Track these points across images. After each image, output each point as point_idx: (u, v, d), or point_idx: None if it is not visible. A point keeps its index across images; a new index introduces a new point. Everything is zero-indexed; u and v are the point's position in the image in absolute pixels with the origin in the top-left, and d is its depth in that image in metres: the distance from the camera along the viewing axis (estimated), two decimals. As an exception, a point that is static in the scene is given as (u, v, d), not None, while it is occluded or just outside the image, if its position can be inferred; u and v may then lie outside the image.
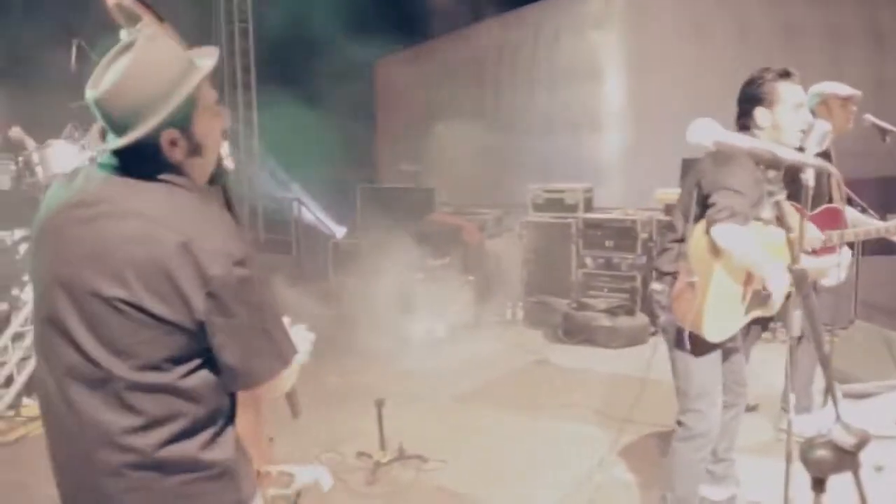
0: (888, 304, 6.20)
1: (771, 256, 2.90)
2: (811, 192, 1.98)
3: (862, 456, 1.61)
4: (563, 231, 7.61)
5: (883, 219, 3.98)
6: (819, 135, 3.32)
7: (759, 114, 3.04)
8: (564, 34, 9.93)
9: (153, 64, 1.61)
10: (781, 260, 2.92)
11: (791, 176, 2.15)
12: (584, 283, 7.49)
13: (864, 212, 3.96)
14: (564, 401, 5.29)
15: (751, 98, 3.06)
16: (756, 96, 3.04)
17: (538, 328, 7.28)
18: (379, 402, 4.20)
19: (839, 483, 1.62)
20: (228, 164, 1.96)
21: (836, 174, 2.16)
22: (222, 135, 1.80)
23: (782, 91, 3.01)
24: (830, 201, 3.82)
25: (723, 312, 3.00)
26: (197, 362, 1.63)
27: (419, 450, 4.28)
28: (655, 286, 3.24)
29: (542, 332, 7.16)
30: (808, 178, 1.99)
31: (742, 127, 3.09)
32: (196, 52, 1.72)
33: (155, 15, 2.29)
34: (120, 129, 1.62)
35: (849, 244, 3.56)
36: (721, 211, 2.82)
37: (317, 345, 1.95)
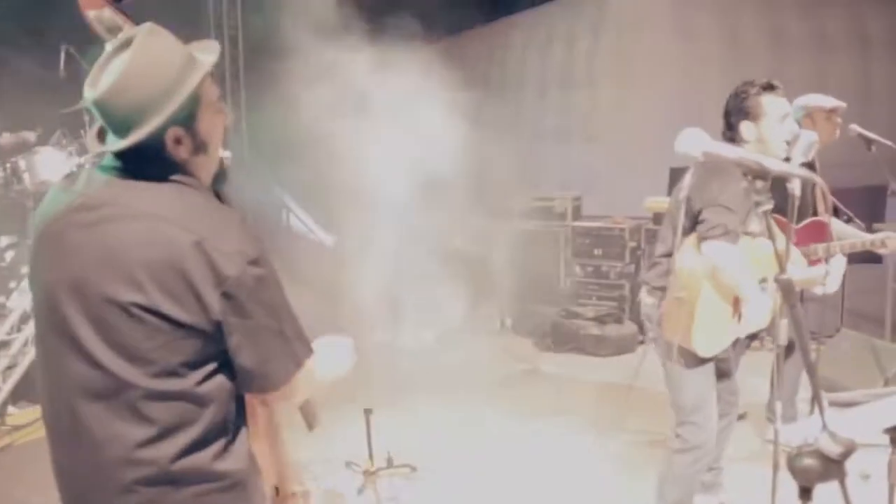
0: (874, 312, 6.25)
1: (755, 273, 2.93)
2: (798, 202, 1.99)
3: (848, 464, 1.61)
4: (552, 239, 7.62)
5: (869, 228, 4.01)
6: (805, 145, 3.33)
7: (745, 127, 3.05)
8: (554, 42, 9.97)
9: (154, 60, 1.54)
10: (770, 272, 2.94)
11: (777, 187, 2.15)
12: (572, 292, 7.49)
13: (849, 221, 3.99)
14: (553, 409, 5.29)
15: (735, 112, 3.08)
16: (741, 110, 3.06)
17: (527, 336, 7.27)
18: (367, 411, 4.19)
19: (826, 492, 1.63)
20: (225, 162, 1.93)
21: (821, 184, 2.17)
22: (225, 132, 1.74)
23: (766, 104, 3.03)
24: (815, 212, 3.85)
25: (713, 327, 3.00)
26: (213, 366, 1.57)
27: (408, 459, 4.27)
28: (646, 300, 3.24)
29: (530, 341, 7.15)
30: (795, 187, 2.00)
31: (728, 140, 3.10)
32: (196, 46, 1.66)
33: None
34: (122, 130, 1.56)
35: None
36: (714, 228, 2.84)
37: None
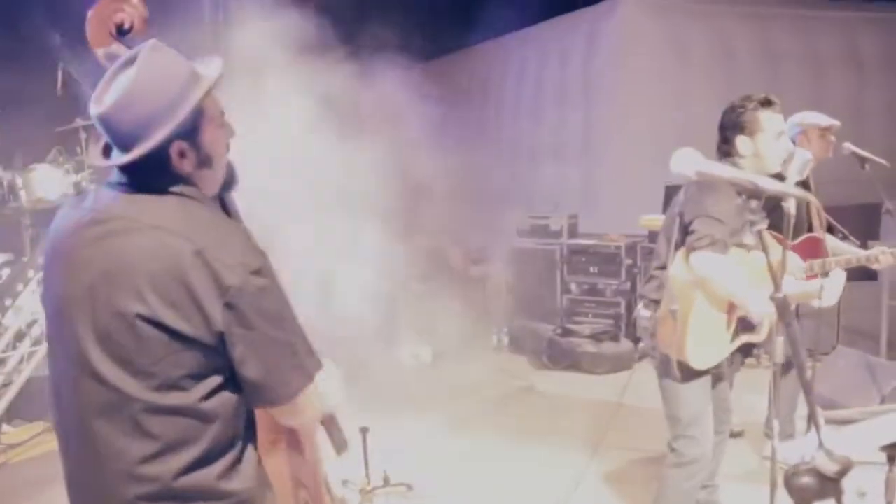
0: (870, 329, 6.25)
1: (752, 283, 2.92)
2: (793, 220, 2.00)
3: (845, 482, 1.61)
4: (548, 257, 7.63)
5: (864, 245, 4.02)
6: (800, 164, 3.35)
7: (741, 142, 3.06)
8: (550, 61, 10.02)
9: (158, 76, 1.57)
10: (765, 285, 2.94)
11: (772, 204, 2.16)
12: (568, 309, 7.50)
13: (844, 239, 4.00)
14: (549, 427, 5.29)
15: (732, 126, 3.07)
16: (737, 125, 3.06)
17: (523, 354, 7.27)
18: (363, 430, 4.18)
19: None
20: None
21: (815, 203, 2.19)
22: (228, 146, 1.76)
23: (763, 120, 3.03)
24: (810, 229, 3.86)
25: (707, 339, 3.00)
26: (218, 381, 1.57)
27: (404, 478, 4.25)
28: (643, 313, 3.24)
29: (526, 358, 7.15)
30: (790, 206, 2.01)
31: (723, 154, 3.11)
32: (199, 62, 1.69)
33: None
34: (127, 144, 1.58)
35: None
36: (701, 239, 2.83)
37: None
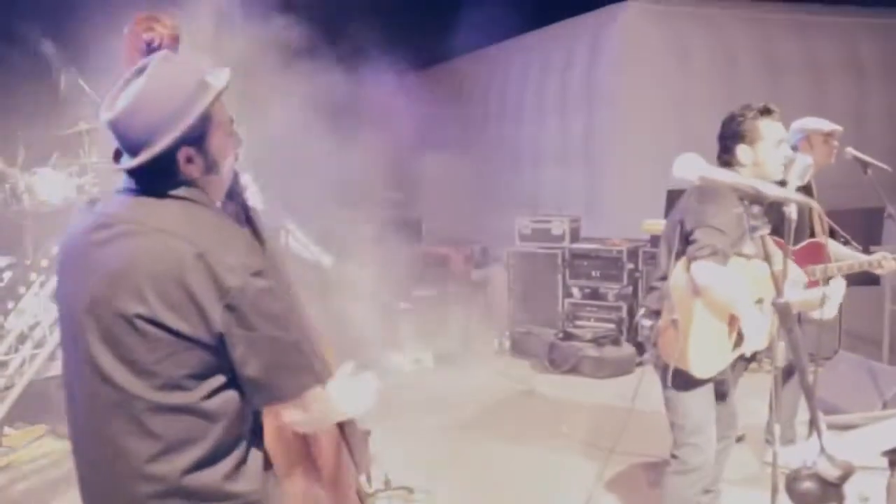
0: (872, 334, 6.25)
1: (752, 294, 2.92)
2: (794, 225, 2.00)
3: (846, 487, 1.62)
4: (550, 261, 7.64)
5: (866, 250, 4.02)
6: (801, 169, 3.35)
7: (741, 151, 3.05)
8: (553, 66, 10.03)
9: (166, 83, 1.62)
10: (766, 293, 2.94)
11: (774, 210, 2.16)
12: (570, 313, 7.50)
13: (846, 244, 4.00)
14: (551, 431, 5.28)
15: (732, 135, 3.07)
16: (737, 134, 3.05)
17: (525, 358, 7.27)
18: (365, 433, 4.17)
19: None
20: (254, 202, 1.96)
21: (817, 208, 2.19)
22: (236, 156, 1.80)
23: (763, 129, 3.02)
24: (812, 234, 3.86)
25: (708, 349, 2.99)
26: (220, 381, 1.60)
27: (406, 481, 4.25)
28: (644, 322, 3.23)
29: (528, 362, 7.15)
30: (791, 211, 2.01)
31: (724, 163, 3.09)
32: (208, 71, 1.73)
33: None
34: (135, 149, 1.62)
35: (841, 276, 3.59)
36: (702, 248, 2.82)
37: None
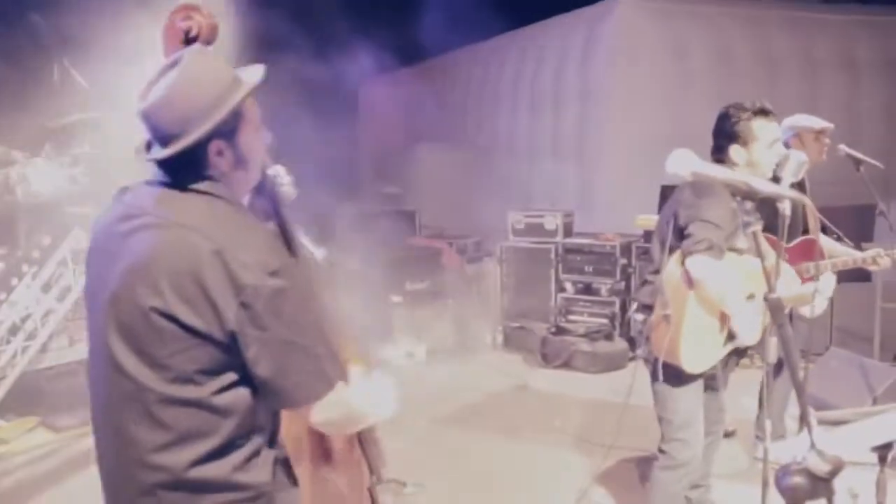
0: (863, 330, 6.27)
1: (744, 289, 2.93)
2: (787, 221, 2.01)
3: (836, 483, 1.62)
4: (543, 256, 7.65)
5: (857, 247, 4.03)
6: (795, 165, 3.35)
7: (734, 151, 3.03)
8: (548, 60, 10.02)
9: (200, 77, 1.63)
10: (758, 288, 2.95)
11: (768, 206, 2.17)
12: (563, 308, 7.51)
13: (839, 240, 4.02)
14: (543, 425, 5.30)
15: (726, 135, 3.05)
16: (731, 134, 3.03)
17: (518, 353, 7.29)
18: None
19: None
20: (289, 192, 1.97)
21: (810, 205, 2.20)
22: (267, 152, 1.81)
23: (757, 129, 3.00)
24: (806, 231, 3.87)
25: (700, 343, 2.99)
26: (232, 377, 1.60)
27: (397, 475, 4.25)
28: (637, 316, 3.23)
29: (521, 357, 7.17)
30: (785, 207, 2.02)
31: (716, 161, 3.07)
32: (241, 69, 1.74)
33: None
34: (166, 140, 1.63)
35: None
36: (698, 243, 2.83)
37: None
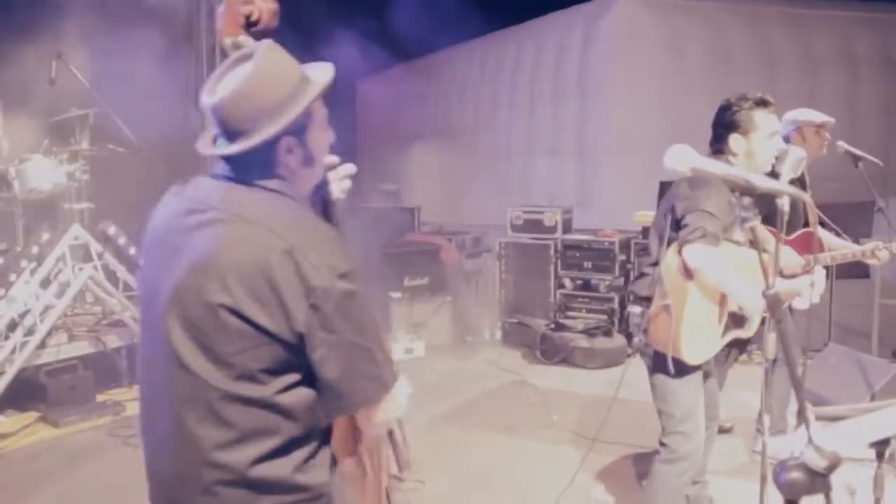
0: (861, 327, 6.29)
1: (743, 277, 2.92)
2: (786, 216, 2.01)
3: (834, 478, 1.62)
4: (542, 252, 7.65)
5: (856, 243, 4.03)
6: (794, 161, 3.35)
7: (734, 140, 3.05)
8: (546, 57, 10.01)
9: (273, 73, 1.61)
10: (755, 281, 2.95)
11: (767, 200, 2.16)
12: (562, 304, 7.52)
13: (838, 236, 4.02)
14: (542, 421, 5.30)
15: (726, 124, 3.07)
16: (732, 123, 3.05)
17: (516, 348, 7.29)
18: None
19: (812, 505, 1.64)
20: (340, 194, 1.97)
21: (808, 201, 2.19)
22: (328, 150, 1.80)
23: (758, 120, 3.03)
24: (806, 225, 3.87)
25: (700, 334, 3.00)
26: (296, 377, 1.57)
27: (396, 469, 4.25)
28: (633, 309, 3.23)
29: (519, 353, 7.16)
30: (784, 203, 2.01)
31: (716, 151, 3.10)
32: (308, 66, 1.72)
33: None
34: (235, 135, 1.61)
35: (824, 267, 3.61)
36: (694, 231, 2.83)
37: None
